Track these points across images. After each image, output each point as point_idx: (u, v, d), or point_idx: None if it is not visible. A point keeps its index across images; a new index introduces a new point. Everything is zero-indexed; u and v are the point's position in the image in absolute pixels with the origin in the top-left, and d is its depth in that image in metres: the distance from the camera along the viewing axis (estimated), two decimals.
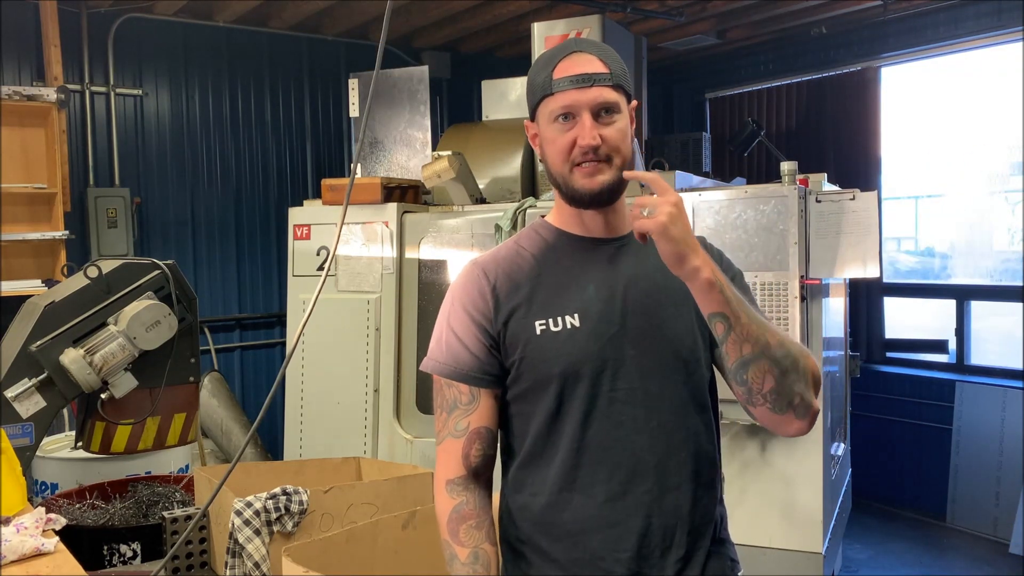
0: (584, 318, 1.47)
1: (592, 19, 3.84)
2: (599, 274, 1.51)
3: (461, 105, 6.07)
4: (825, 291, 3.40)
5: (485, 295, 1.52)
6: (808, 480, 3.22)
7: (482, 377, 1.50)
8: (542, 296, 1.50)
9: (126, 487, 3.05)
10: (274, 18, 5.42)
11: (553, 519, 1.47)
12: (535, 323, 1.48)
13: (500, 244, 1.63)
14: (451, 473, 1.50)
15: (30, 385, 2.63)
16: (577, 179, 1.47)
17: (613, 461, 1.45)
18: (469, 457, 1.50)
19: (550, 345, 1.47)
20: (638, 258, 1.53)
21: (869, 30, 5.77)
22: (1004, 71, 5.27)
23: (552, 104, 1.47)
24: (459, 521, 1.48)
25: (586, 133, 1.44)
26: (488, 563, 1.47)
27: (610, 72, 1.47)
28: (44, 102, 4.49)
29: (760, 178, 6.10)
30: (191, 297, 2.93)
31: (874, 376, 5.74)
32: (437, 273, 3.89)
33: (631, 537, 1.44)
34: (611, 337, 1.47)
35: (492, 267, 1.55)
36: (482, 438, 1.50)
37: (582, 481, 1.46)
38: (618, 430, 1.46)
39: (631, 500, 1.45)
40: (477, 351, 1.50)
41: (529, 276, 1.53)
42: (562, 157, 1.47)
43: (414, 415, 3.88)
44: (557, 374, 1.46)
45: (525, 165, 4.01)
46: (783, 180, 3.22)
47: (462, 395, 1.50)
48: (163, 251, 5.13)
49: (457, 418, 1.50)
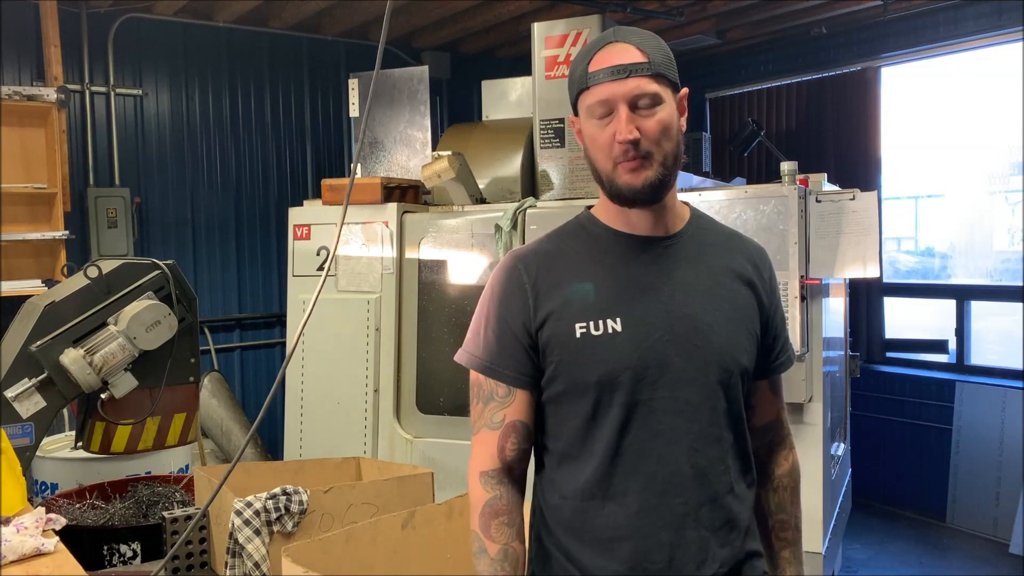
0: (626, 322, 1.41)
1: (592, 19, 3.83)
2: (645, 275, 1.45)
3: (461, 105, 6.07)
4: (825, 291, 3.40)
5: (524, 293, 1.46)
6: (808, 480, 3.21)
7: (517, 377, 1.46)
8: (583, 297, 1.43)
9: (126, 487, 3.05)
10: (274, 18, 5.42)
11: (584, 524, 1.44)
12: (575, 326, 1.42)
13: (544, 235, 1.55)
14: (486, 465, 1.47)
15: (30, 385, 2.63)
16: (620, 176, 1.40)
17: (649, 471, 1.41)
18: (504, 450, 1.47)
19: (589, 350, 1.41)
20: (688, 260, 1.47)
21: (869, 30, 5.76)
22: (1004, 71, 5.26)
23: (589, 98, 1.40)
24: (492, 516, 1.45)
25: (622, 127, 1.36)
26: (516, 562, 1.45)
27: (649, 61, 1.38)
28: (44, 102, 4.49)
29: (760, 178, 6.09)
30: (191, 297, 2.93)
31: (874, 376, 5.74)
32: (437, 273, 3.89)
33: (663, 549, 1.40)
34: (654, 343, 1.40)
35: (533, 263, 1.48)
36: (518, 432, 1.47)
37: (616, 488, 1.41)
38: (655, 439, 1.41)
39: (665, 511, 1.40)
40: (513, 351, 1.46)
41: (571, 274, 1.46)
42: (605, 154, 1.40)
43: (414, 415, 3.88)
44: (594, 382, 1.41)
45: (525, 165, 4.01)
46: (783, 180, 3.21)
47: (498, 388, 1.47)
48: (163, 251, 5.13)
49: (493, 410, 1.47)
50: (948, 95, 6.18)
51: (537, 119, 3.85)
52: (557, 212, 3.58)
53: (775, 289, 1.57)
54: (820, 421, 3.24)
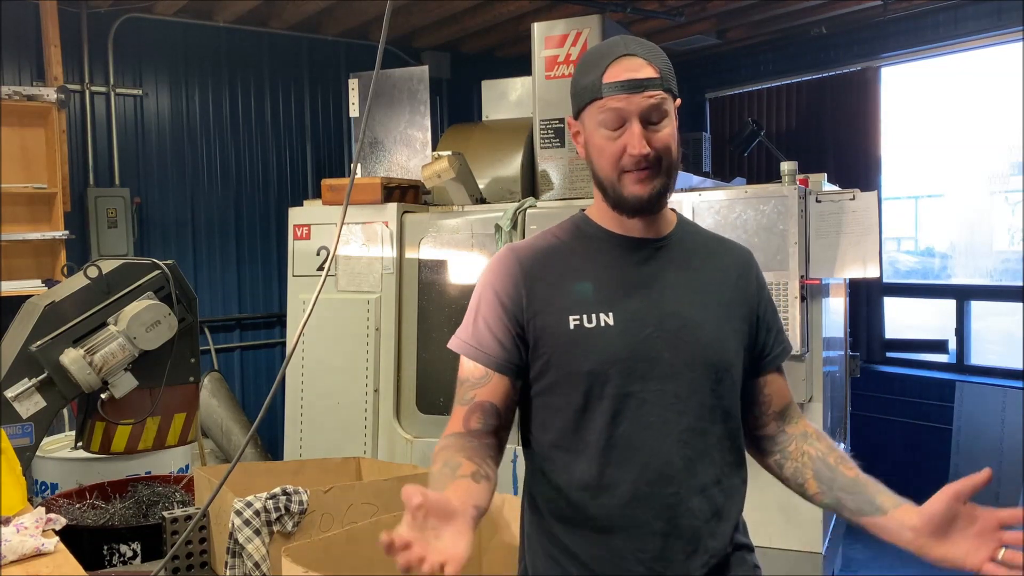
0: (619, 317, 1.45)
1: (592, 19, 3.83)
2: (637, 274, 1.50)
3: (461, 105, 6.07)
4: (825, 291, 3.40)
5: (517, 283, 1.49)
6: None
7: (498, 361, 1.48)
8: (578, 291, 1.48)
9: (126, 487, 3.05)
10: (274, 18, 5.42)
11: (576, 515, 1.46)
12: (568, 318, 1.45)
13: (539, 233, 1.59)
14: (449, 431, 1.48)
15: (30, 385, 2.63)
16: (627, 185, 1.45)
17: (640, 462, 1.43)
18: (469, 422, 1.47)
19: (582, 341, 1.44)
20: (677, 261, 1.52)
21: (869, 30, 5.76)
22: (1004, 71, 5.27)
23: (600, 109, 1.43)
24: (442, 449, 1.43)
25: (636, 142, 1.41)
26: (457, 469, 1.36)
27: (660, 76, 1.44)
28: (44, 102, 4.49)
29: (760, 178, 6.09)
30: (191, 297, 2.93)
31: (874, 376, 5.74)
32: (437, 273, 3.89)
33: (655, 539, 1.43)
34: (645, 337, 1.45)
35: (528, 256, 1.52)
36: (484, 410, 1.48)
37: (609, 479, 1.44)
38: (647, 431, 1.44)
39: (657, 502, 1.43)
40: (503, 338, 1.48)
41: (566, 269, 1.50)
42: (612, 163, 1.45)
43: (414, 415, 3.88)
44: (586, 372, 1.44)
45: (525, 165, 4.01)
46: (783, 180, 3.21)
47: (476, 371, 1.49)
48: (163, 251, 5.13)
49: (466, 390, 1.49)
50: (948, 95, 6.18)
51: (537, 119, 3.85)
52: (557, 212, 3.58)
53: (763, 284, 1.63)
54: (820, 421, 3.24)
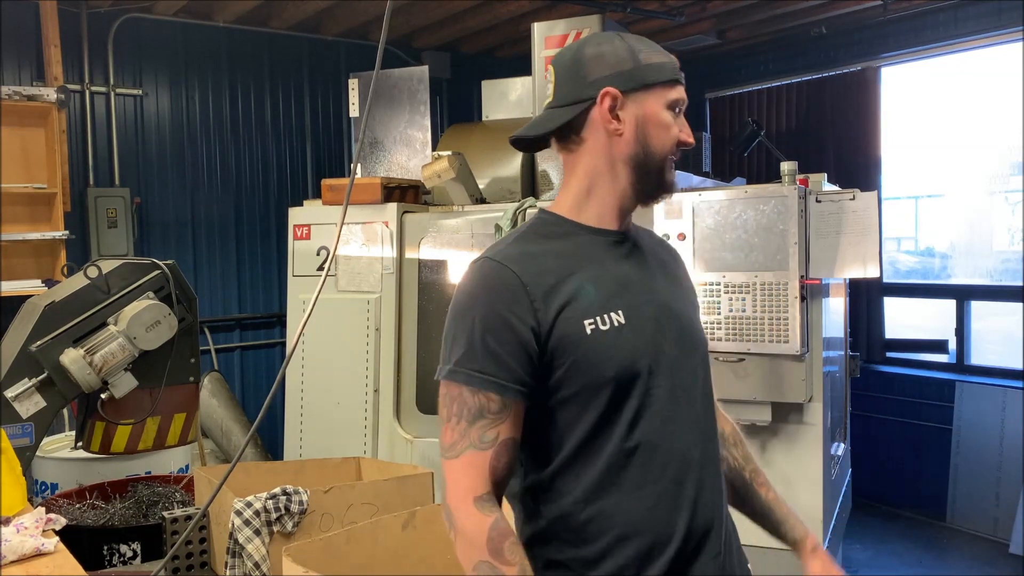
0: (628, 315, 1.40)
1: (592, 19, 3.83)
2: (626, 270, 1.46)
3: (461, 105, 6.07)
4: (825, 291, 3.40)
5: (520, 296, 1.36)
6: (808, 480, 3.22)
7: (517, 387, 1.35)
8: (585, 294, 1.39)
9: (126, 487, 3.05)
10: (274, 18, 5.42)
11: (593, 526, 1.38)
12: (584, 322, 1.37)
13: (508, 240, 1.48)
14: (479, 489, 1.34)
15: (30, 385, 2.63)
16: (668, 170, 1.49)
17: (662, 460, 1.40)
18: (497, 471, 1.35)
19: (601, 346, 1.36)
20: (647, 252, 1.54)
21: (869, 30, 5.76)
22: (1004, 71, 5.26)
23: (673, 94, 1.47)
24: (501, 539, 1.32)
25: (689, 132, 1.48)
26: None
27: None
28: (44, 102, 4.49)
29: (760, 178, 6.09)
30: (191, 297, 2.93)
31: (874, 376, 5.74)
32: (437, 273, 3.89)
33: (680, 535, 1.39)
34: (652, 332, 1.42)
35: (521, 263, 1.39)
36: (509, 451, 1.36)
37: (630, 483, 1.38)
38: (666, 426, 1.40)
39: (682, 498, 1.40)
40: (517, 357, 1.35)
41: (565, 272, 1.40)
42: (672, 146, 1.48)
43: (414, 415, 3.88)
44: (612, 376, 1.37)
45: (525, 165, 4.01)
46: (783, 180, 3.21)
47: (491, 403, 1.34)
48: (163, 251, 5.13)
49: (483, 428, 1.34)
50: (948, 95, 6.18)
51: None
52: None
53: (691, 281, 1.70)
54: (820, 421, 3.24)
